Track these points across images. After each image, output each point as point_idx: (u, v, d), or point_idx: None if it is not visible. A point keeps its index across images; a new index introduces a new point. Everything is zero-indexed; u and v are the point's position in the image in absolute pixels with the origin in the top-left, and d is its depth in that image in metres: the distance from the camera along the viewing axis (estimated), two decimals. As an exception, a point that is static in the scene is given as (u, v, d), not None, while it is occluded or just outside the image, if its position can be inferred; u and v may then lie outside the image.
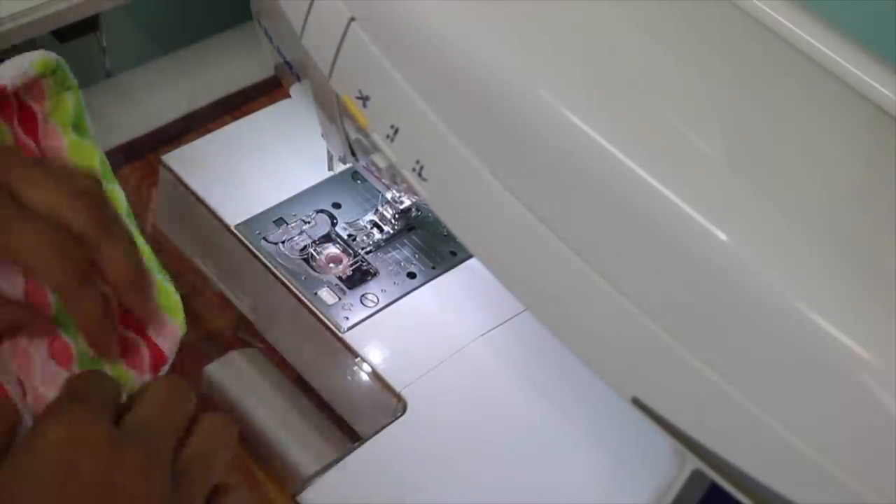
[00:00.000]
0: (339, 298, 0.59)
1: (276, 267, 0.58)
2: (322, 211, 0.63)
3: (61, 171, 0.49)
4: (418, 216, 0.63)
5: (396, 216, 0.63)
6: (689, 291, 0.38)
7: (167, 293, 0.52)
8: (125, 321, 0.50)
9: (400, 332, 0.58)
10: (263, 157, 0.66)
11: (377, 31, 0.43)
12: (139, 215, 0.65)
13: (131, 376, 0.50)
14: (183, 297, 0.62)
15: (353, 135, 0.51)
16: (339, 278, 0.60)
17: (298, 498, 0.50)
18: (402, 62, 0.42)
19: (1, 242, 0.45)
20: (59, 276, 0.45)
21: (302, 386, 0.59)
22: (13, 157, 0.47)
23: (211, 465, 0.44)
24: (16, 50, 0.63)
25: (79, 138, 0.53)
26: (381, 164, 0.48)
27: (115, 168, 0.63)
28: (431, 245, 0.63)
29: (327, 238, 0.62)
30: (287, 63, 0.52)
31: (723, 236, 0.37)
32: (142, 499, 0.40)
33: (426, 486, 0.52)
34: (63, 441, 0.40)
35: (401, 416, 0.53)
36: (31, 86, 0.51)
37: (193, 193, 0.61)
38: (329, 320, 0.57)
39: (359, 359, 0.56)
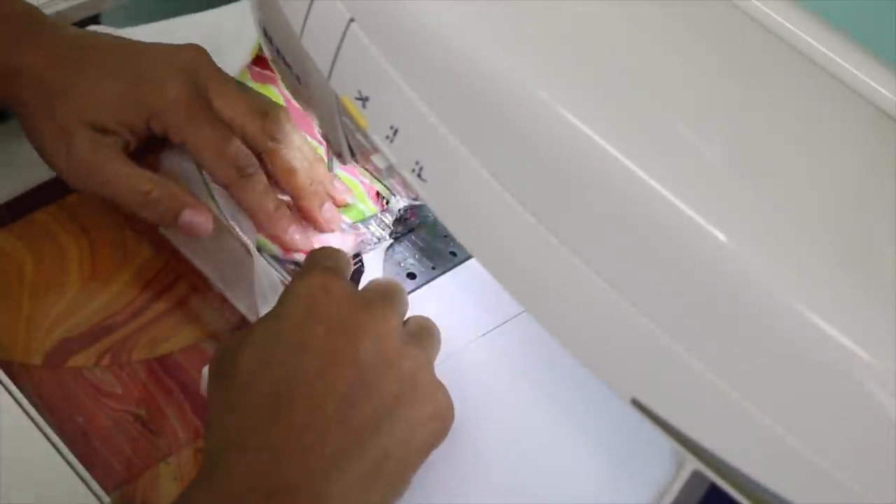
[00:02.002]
0: (339, 298, 0.59)
1: (276, 267, 0.58)
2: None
3: (250, 92, 0.61)
4: (417, 220, 0.63)
5: (396, 217, 0.63)
6: (688, 292, 0.38)
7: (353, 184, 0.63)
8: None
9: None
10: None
11: (377, 31, 0.43)
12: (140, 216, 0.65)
13: None
14: (183, 297, 0.62)
15: (353, 135, 0.51)
16: (339, 278, 0.60)
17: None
18: (401, 63, 0.42)
19: (188, 140, 0.57)
20: (223, 171, 0.57)
21: (302, 386, 0.59)
22: (212, 72, 0.59)
23: (431, 334, 0.51)
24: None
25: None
26: (381, 164, 0.48)
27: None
28: (431, 245, 0.63)
29: (327, 238, 0.62)
30: (287, 63, 0.52)
31: (722, 237, 0.37)
32: (384, 337, 0.46)
33: (426, 486, 0.52)
34: (313, 288, 0.47)
35: (400, 416, 0.53)
36: None
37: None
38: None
39: None
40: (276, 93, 0.68)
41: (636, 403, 0.40)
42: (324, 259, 0.51)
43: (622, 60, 0.41)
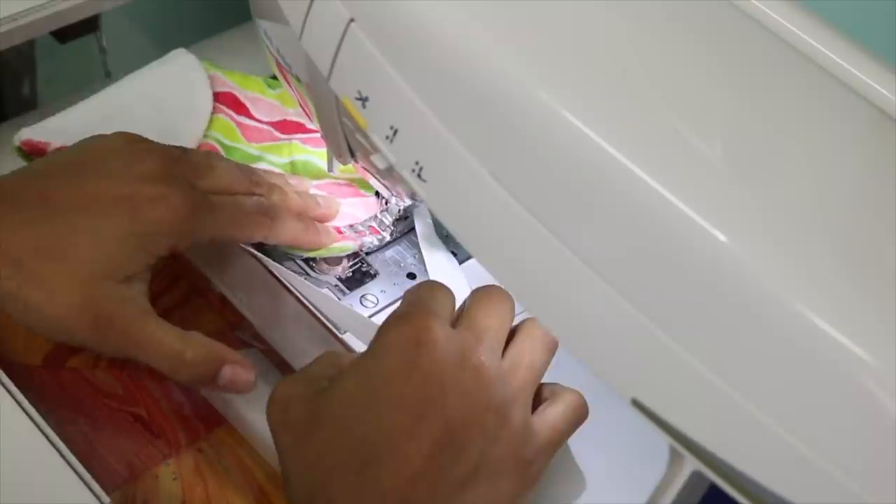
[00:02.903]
0: (339, 299, 0.59)
1: (276, 267, 0.58)
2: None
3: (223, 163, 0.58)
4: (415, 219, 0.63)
5: (396, 217, 0.63)
6: (688, 292, 0.38)
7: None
8: None
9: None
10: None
11: (377, 31, 0.43)
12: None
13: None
14: (183, 297, 0.62)
15: (353, 135, 0.51)
16: (339, 279, 0.60)
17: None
18: (401, 63, 0.42)
19: (220, 234, 0.54)
20: (252, 231, 0.56)
21: (302, 386, 0.59)
22: (188, 161, 0.55)
23: (532, 361, 0.48)
24: (15, 50, 0.63)
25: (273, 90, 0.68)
26: (381, 165, 0.48)
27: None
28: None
29: (327, 238, 0.62)
30: (287, 64, 0.52)
31: (722, 238, 0.37)
32: (474, 391, 0.45)
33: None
34: (402, 341, 0.45)
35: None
36: (216, 79, 0.67)
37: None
38: (329, 321, 0.57)
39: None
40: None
41: (636, 403, 0.40)
42: (425, 300, 0.48)
43: (622, 61, 0.41)
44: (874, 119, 0.43)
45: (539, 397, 0.49)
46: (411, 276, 0.61)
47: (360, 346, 0.56)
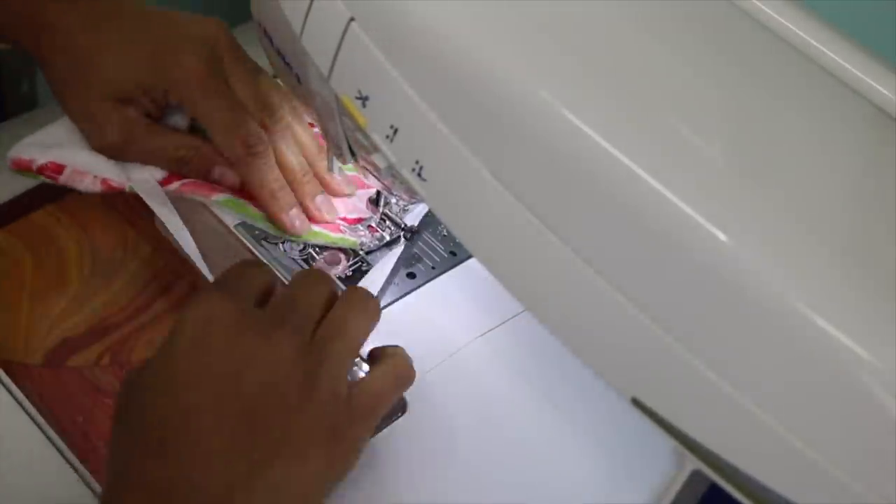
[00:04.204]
0: (339, 298, 0.59)
1: (276, 267, 0.58)
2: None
3: (263, 77, 0.62)
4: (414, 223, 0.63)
5: (396, 217, 0.63)
6: (688, 291, 0.38)
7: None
8: None
9: (399, 332, 0.58)
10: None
11: (377, 31, 0.43)
12: (140, 216, 0.65)
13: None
14: (183, 297, 0.62)
15: (353, 135, 0.51)
16: (339, 279, 0.60)
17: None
18: (401, 62, 0.42)
19: (200, 114, 0.59)
20: (231, 148, 0.59)
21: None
22: (230, 48, 0.61)
23: (345, 329, 0.47)
24: (16, 50, 0.63)
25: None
26: (381, 164, 0.48)
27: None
28: (431, 245, 0.63)
29: (327, 238, 0.62)
30: (287, 63, 0.52)
31: (723, 236, 0.37)
32: (272, 362, 0.44)
33: (425, 487, 0.52)
34: (197, 320, 0.44)
35: (400, 416, 0.53)
36: None
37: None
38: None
39: (358, 359, 0.56)
40: None
41: (636, 402, 0.40)
42: (228, 278, 0.48)
43: (623, 60, 0.41)
44: (874, 119, 0.43)
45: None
46: (411, 275, 0.61)
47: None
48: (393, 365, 0.48)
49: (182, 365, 0.44)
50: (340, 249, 0.61)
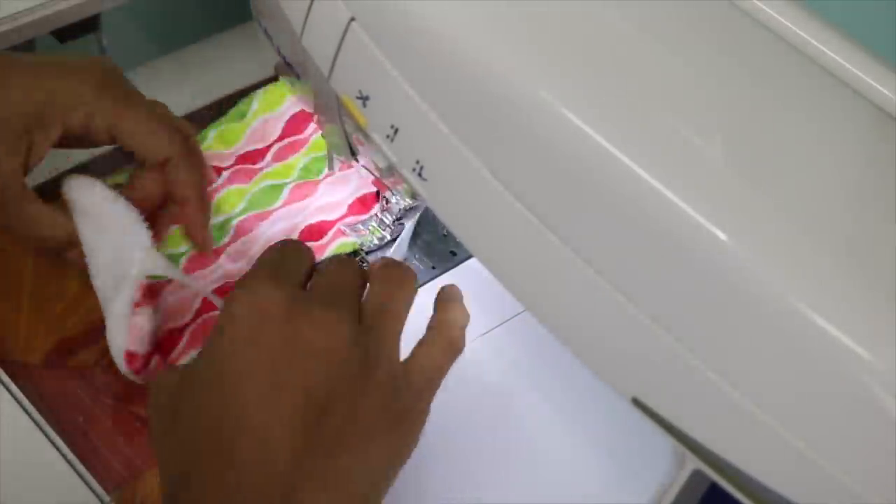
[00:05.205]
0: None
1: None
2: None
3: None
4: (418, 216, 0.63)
5: (396, 217, 0.63)
6: (688, 291, 0.38)
7: None
8: None
9: (400, 332, 0.58)
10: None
11: (377, 31, 0.43)
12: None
13: None
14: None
15: (353, 135, 0.51)
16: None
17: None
18: (402, 62, 0.42)
19: (118, 122, 0.53)
20: (166, 144, 0.54)
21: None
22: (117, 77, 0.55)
23: (389, 308, 0.46)
24: (15, 50, 0.63)
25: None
26: (381, 164, 0.48)
27: (115, 168, 0.63)
28: (431, 245, 0.63)
29: (327, 238, 0.62)
30: (287, 63, 0.52)
31: (723, 236, 0.37)
32: (329, 350, 0.43)
33: (425, 486, 0.52)
34: (246, 312, 0.43)
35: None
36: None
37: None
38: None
39: None
40: None
41: (637, 402, 0.40)
42: (271, 263, 0.46)
43: (623, 60, 0.41)
44: (874, 118, 0.43)
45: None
46: (411, 275, 0.61)
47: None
48: (442, 335, 0.47)
49: (237, 360, 0.42)
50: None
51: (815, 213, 0.39)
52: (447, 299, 0.49)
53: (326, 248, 0.60)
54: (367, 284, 0.47)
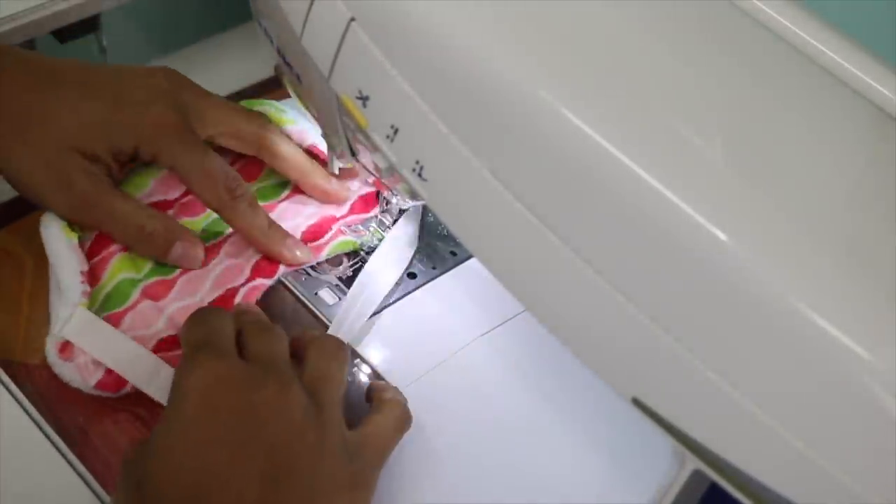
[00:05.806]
0: (339, 298, 0.59)
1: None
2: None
3: (235, 104, 0.61)
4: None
5: (396, 217, 0.63)
6: (688, 291, 0.38)
7: None
8: None
9: (400, 332, 0.58)
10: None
11: (377, 31, 0.43)
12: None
13: None
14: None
15: (353, 135, 0.51)
16: (340, 278, 0.60)
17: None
18: (402, 62, 0.42)
19: (178, 164, 0.56)
20: (213, 194, 0.56)
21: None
22: (193, 90, 0.59)
23: (330, 377, 0.48)
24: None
25: None
26: (381, 164, 0.48)
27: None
28: (431, 245, 0.63)
29: (327, 238, 0.62)
30: (287, 63, 0.52)
31: (723, 236, 0.37)
32: (284, 415, 0.45)
33: (425, 486, 0.52)
34: (200, 385, 0.45)
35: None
36: None
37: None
38: (329, 320, 0.57)
39: (358, 359, 0.56)
40: None
41: (637, 402, 0.40)
42: (205, 337, 0.47)
43: (623, 60, 0.41)
44: (874, 118, 0.43)
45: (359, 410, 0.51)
46: (412, 275, 0.61)
47: (360, 347, 0.56)
48: (391, 410, 0.51)
49: (202, 427, 0.44)
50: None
51: (815, 213, 0.39)
52: (377, 388, 0.53)
53: (325, 248, 0.60)
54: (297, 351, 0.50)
